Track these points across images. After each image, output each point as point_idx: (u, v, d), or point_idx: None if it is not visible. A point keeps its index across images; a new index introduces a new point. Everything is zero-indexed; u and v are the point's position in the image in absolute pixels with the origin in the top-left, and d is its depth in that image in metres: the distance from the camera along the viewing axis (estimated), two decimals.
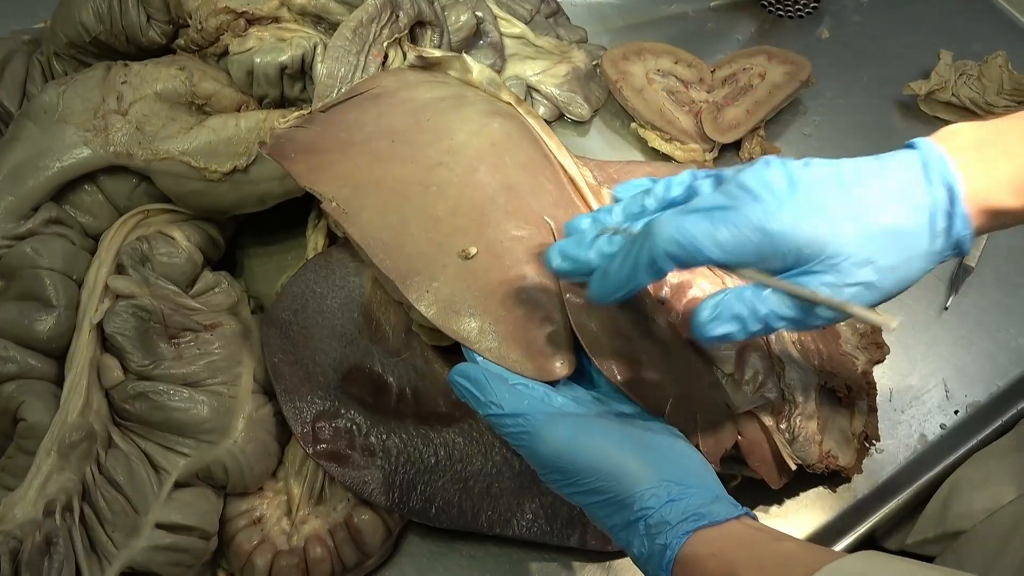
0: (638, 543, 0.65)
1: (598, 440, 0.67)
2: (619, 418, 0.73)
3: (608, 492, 0.66)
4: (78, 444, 0.80)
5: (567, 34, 1.23)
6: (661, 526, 0.63)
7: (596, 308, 0.77)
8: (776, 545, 0.63)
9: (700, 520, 0.63)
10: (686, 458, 0.70)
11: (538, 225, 0.81)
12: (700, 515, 0.63)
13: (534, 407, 0.69)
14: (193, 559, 0.83)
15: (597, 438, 0.67)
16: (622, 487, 0.65)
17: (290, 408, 0.86)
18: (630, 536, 0.65)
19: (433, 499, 0.86)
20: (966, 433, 0.98)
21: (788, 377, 0.86)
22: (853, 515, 0.94)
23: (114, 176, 0.94)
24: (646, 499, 0.64)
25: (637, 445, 0.67)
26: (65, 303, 0.86)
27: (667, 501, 0.64)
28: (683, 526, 0.63)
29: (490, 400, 0.69)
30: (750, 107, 1.14)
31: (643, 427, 0.72)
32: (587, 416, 0.71)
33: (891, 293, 0.65)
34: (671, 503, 0.64)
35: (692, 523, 0.63)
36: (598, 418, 0.71)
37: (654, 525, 0.64)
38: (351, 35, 0.96)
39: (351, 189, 0.83)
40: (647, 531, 0.64)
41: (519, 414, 0.68)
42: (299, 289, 0.91)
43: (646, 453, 0.67)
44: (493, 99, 0.93)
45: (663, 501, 0.64)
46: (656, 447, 0.68)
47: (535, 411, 0.69)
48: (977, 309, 1.06)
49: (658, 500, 0.64)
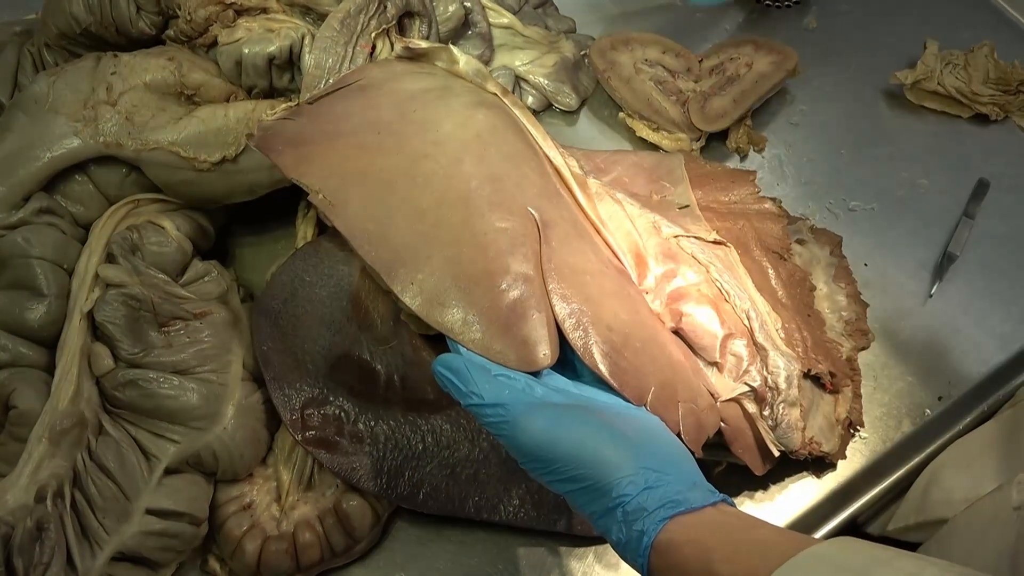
0: (616, 529, 0.65)
1: (576, 429, 0.68)
2: (599, 407, 0.74)
3: (587, 480, 0.66)
4: (69, 431, 0.81)
5: (555, 24, 1.24)
6: (638, 513, 0.64)
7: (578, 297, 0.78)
8: (752, 532, 0.64)
9: (677, 507, 0.64)
10: (665, 445, 0.71)
11: (523, 216, 0.82)
12: (677, 502, 0.64)
13: (514, 397, 0.70)
14: (183, 544, 0.84)
15: (576, 427, 0.68)
16: (600, 475, 0.66)
17: (279, 395, 0.87)
18: (608, 523, 0.66)
19: (421, 485, 0.87)
20: (950, 419, 0.99)
21: (771, 364, 0.87)
22: (837, 501, 0.95)
23: (104, 166, 0.95)
24: (623, 486, 0.65)
25: (615, 434, 0.68)
26: (56, 292, 0.87)
27: (644, 488, 0.65)
28: (660, 512, 0.64)
29: (471, 390, 0.70)
30: (737, 96, 1.14)
31: (623, 416, 0.73)
32: (566, 406, 0.71)
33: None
34: (648, 490, 0.65)
35: (669, 510, 0.64)
36: (577, 407, 0.72)
37: (631, 512, 0.65)
38: (339, 26, 0.96)
39: (337, 181, 0.83)
40: (624, 518, 0.65)
41: (499, 404, 0.69)
42: (288, 278, 0.92)
43: (624, 441, 0.68)
44: (479, 90, 0.93)
45: (640, 488, 0.65)
46: (635, 435, 0.69)
47: (515, 401, 0.70)
48: (961, 296, 1.07)
49: (635, 487, 0.65)
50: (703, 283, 0.89)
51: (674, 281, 0.88)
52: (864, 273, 1.06)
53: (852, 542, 0.59)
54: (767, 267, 0.96)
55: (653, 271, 0.88)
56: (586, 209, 0.89)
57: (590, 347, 0.76)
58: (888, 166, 1.16)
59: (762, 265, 0.96)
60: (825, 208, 1.13)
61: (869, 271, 1.07)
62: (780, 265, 0.97)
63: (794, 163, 1.16)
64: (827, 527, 0.93)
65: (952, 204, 1.13)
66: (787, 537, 0.63)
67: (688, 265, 0.90)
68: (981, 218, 1.12)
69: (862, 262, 1.07)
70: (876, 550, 0.59)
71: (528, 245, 0.80)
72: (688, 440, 0.77)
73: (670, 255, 0.90)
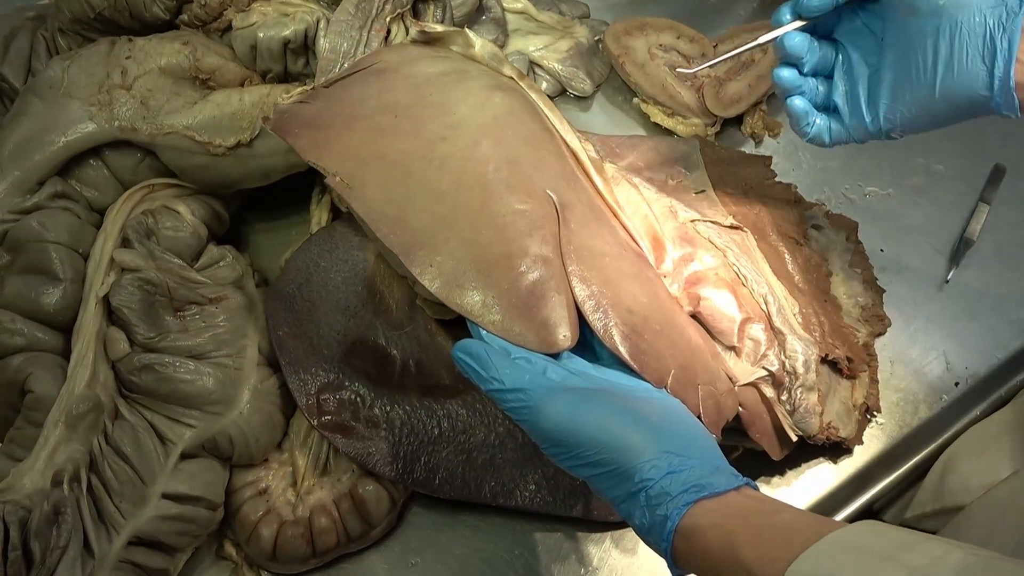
0: (639, 514, 0.65)
1: (599, 413, 0.68)
2: (621, 390, 0.73)
3: (609, 464, 0.66)
4: (85, 415, 0.81)
5: (569, 9, 1.23)
6: (662, 497, 0.64)
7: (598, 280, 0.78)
8: (776, 516, 0.63)
9: (700, 491, 0.64)
10: (687, 429, 0.71)
11: (540, 198, 0.81)
12: (700, 486, 0.64)
13: (535, 382, 0.70)
14: (200, 529, 0.84)
15: (598, 411, 0.68)
16: (623, 459, 0.66)
17: (295, 380, 0.87)
18: (631, 508, 0.66)
19: (437, 470, 0.86)
20: (966, 405, 0.99)
21: (789, 349, 0.87)
22: (854, 486, 0.94)
23: (119, 151, 0.95)
24: (647, 471, 0.65)
25: (638, 417, 0.68)
26: (71, 276, 0.87)
27: (667, 472, 0.65)
28: (683, 497, 0.64)
29: (492, 376, 0.70)
30: (752, 81, 1.14)
31: (644, 399, 0.72)
32: (588, 390, 0.71)
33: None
34: (671, 475, 0.65)
35: (692, 494, 0.64)
36: (599, 391, 0.71)
37: (655, 496, 0.64)
38: (354, 10, 0.96)
39: (355, 164, 0.83)
40: (648, 502, 0.65)
41: (520, 389, 0.69)
42: (303, 263, 0.92)
43: (646, 425, 0.67)
44: (495, 73, 0.93)
45: (663, 472, 0.65)
46: (657, 419, 0.69)
47: (536, 386, 0.69)
48: (978, 282, 1.06)
49: (658, 472, 0.65)
50: (720, 267, 0.89)
51: (691, 265, 0.88)
52: (880, 259, 1.05)
53: (876, 525, 0.59)
54: (783, 252, 0.96)
55: (671, 255, 0.88)
56: (603, 192, 0.88)
57: (610, 329, 0.76)
58: (904, 151, 1.15)
59: (778, 250, 0.95)
60: (841, 193, 1.12)
61: (885, 256, 1.06)
62: (796, 250, 0.96)
63: (809, 148, 1.15)
64: (844, 512, 0.93)
65: (968, 190, 1.12)
66: (812, 521, 0.63)
67: (705, 249, 0.90)
68: (997, 204, 1.11)
69: (878, 247, 1.07)
70: (901, 534, 0.58)
71: (547, 227, 0.79)
72: (708, 423, 0.77)
73: (687, 239, 0.90)
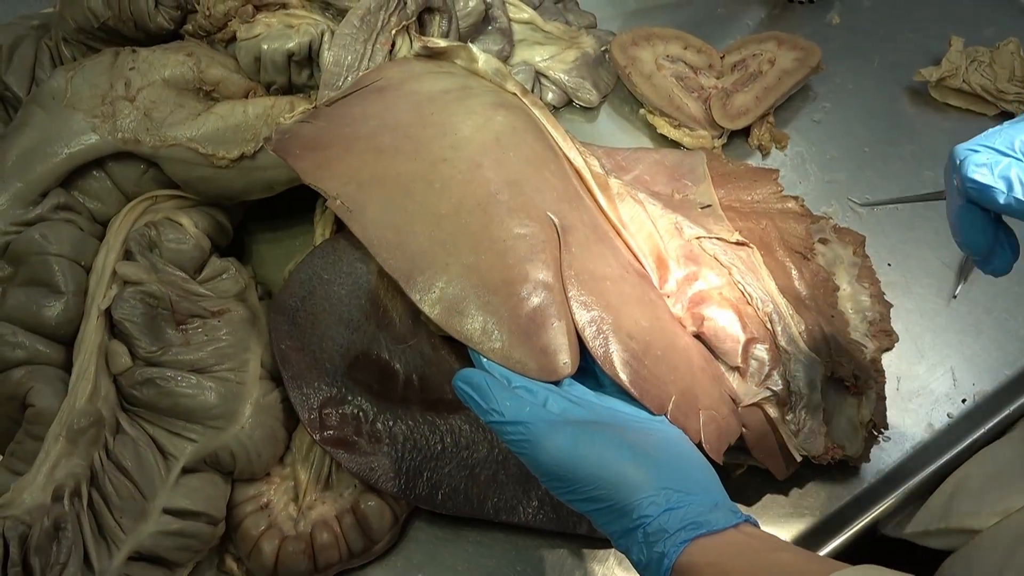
0: (637, 550, 0.65)
1: (598, 449, 0.67)
2: (621, 421, 0.73)
3: (607, 500, 0.66)
4: (86, 430, 0.80)
5: (576, 19, 1.23)
6: (659, 534, 0.64)
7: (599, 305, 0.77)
8: (774, 555, 0.63)
9: (698, 529, 0.64)
10: (687, 463, 0.70)
11: (542, 222, 0.81)
12: (698, 524, 0.64)
13: (535, 415, 0.69)
14: (201, 544, 0.83)
15: (597, 447, 0.67)
16: (621, 495, 0.65)
17: (297, 394, 0.87)
18: (629, 543, 0.66)
19: (439, 486, 0.86)
20: (973, 422, 0.98)
21: (793, 369, 0.86)
22: (859, 503, 0.94)
23: (122, 162, 0.94)
24: (644, 507, 0.65)
25: (637, 452, 0.68)
26: (73, 289, 0.87)
27: (665, 509, 0.64)
28: (681, 535, 0.63)
29: (492, 407, 0.70)
30: (759, 93, 1.13)
31: (644, 431, 0.72)
32: (588, 423, 0.71)
33: None
34: (669, 511, 0.64)
35: (690, 532, 0.63)
36: (599, 425, 0.71)
37: (652, 533, 0.64)
38: (359, 23, 0.95)
39: (355, 186, 0.83)
40: (645, 539, 0.64)
41: (520, 422, 0.69)
42: (306, 276, 0.91)
43: (646, 460, 0.67)
44: (498, 90, 0.92)
45: (661, 509, 0.64)
46: (657, 453, 0.69)
47: (536, 419, 0.69)
48: (986, 297, 1.06)
49: (656, 508, 0.64)
50: (725, 286, 0.88)
51: (696, 284, 0.88)
52: (888, 273, 1.05)
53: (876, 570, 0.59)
54: (790, 267, 0.95)
55: (675, 274, 0.88)
56: (607, 211, 0.88)
57: (611, 356, 0.75)
58: (912, 164, 1.15)
59: (785, 265, 0.95)
60: (848, 207, 1.12)
61: (893, 271, 1.06)
62: (803, 265, 0.96)
63: (817, 161, 1.15)
64: (849, 530, 0.92)
65: None
66: (810, 561, 0.63)
67: (710, 267, 0.89)
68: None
69: (885, 262, 1.06)
70: None
71: (548, 251, 0.79)
72: (709, 449, 0.77)
73: (692, 257, 0.90)
